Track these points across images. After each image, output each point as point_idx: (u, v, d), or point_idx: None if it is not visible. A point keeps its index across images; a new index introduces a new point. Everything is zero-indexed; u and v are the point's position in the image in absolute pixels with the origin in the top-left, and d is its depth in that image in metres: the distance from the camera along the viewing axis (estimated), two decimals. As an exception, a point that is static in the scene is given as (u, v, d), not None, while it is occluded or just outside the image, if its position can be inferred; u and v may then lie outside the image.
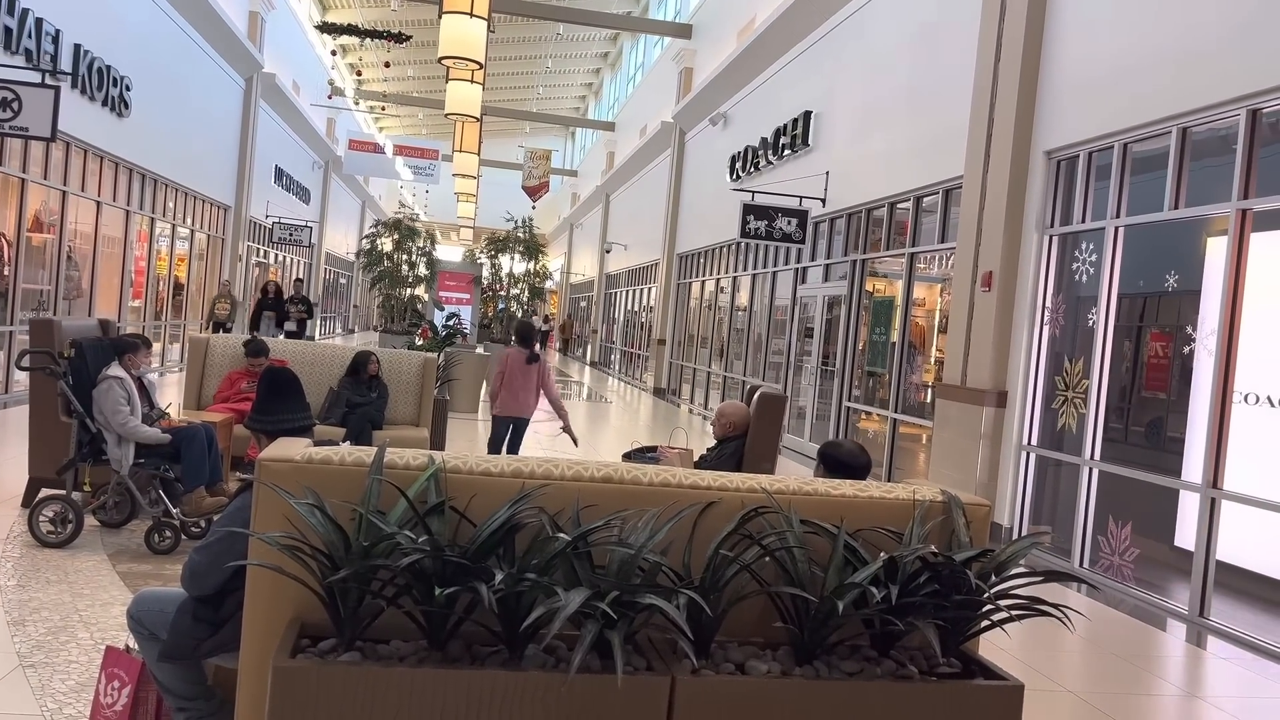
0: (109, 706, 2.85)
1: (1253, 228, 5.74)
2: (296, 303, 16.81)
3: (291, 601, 2.19)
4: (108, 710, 2.84)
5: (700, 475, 2.48)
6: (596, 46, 32.63)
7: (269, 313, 16.33)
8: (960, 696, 2.19)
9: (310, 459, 2.29)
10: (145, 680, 2.86)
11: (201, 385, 7.63)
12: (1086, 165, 7.25)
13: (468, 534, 2.18)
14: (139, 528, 5.59)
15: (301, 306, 16.79)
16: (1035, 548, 7.18)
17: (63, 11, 11.23)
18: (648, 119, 23.43)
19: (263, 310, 16.42)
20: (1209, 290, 6.09)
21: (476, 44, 10.26)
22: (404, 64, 29.94)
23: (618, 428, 13.82)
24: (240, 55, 18.74)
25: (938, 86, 9.33)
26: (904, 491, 2.54)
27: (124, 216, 14.26)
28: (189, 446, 5.53)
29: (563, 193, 41.27)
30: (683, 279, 19.63)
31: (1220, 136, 6.15)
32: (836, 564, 2.30)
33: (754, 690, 2.12)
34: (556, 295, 40.14)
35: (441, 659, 2.10)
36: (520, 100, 36.76)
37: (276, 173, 23.79)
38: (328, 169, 30.59)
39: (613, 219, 28.78)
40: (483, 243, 22.00)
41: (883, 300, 10.72)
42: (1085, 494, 6.87)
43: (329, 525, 2.08)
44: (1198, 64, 6.09)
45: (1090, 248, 7.13)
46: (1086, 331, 7.09)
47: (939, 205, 9.28)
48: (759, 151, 14.43)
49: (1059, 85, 7.45)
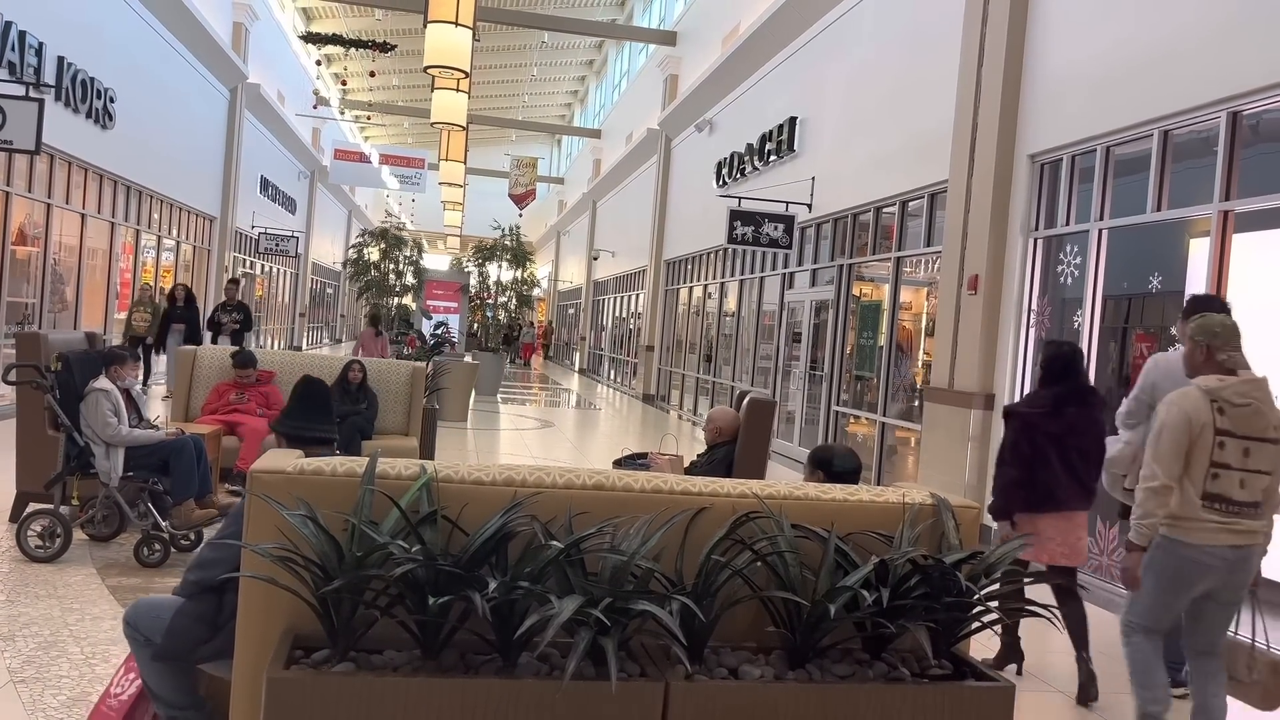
0: (115, 695, 2.89)
1: (1234, 229, 5.79)
2: (230, 310, 13.34)
3: (285, 613, 2.20)
4: (112, 699, 2.89)
5: (691, 481, 2.50)
6: (582, 54, 32.68)
7: (177, 325, 12.69)
8: (952, 698, 2.21)
9: (302, 470, 2.29)
10: (147, 701, 2.87)
11: (189, 397, 7.60)
12: (1070, 168, 7.31)
13: (460, 543, 2.19)
14: (128, 541, 5.55)
15: (236, 315, 13.29)
16: (1025, 549, 7.20)
17: (46, 24, 11.20)
18: (634, 126, 23.48)
19: (170, 322, 12.74)
20: (1192, 291, 6.14)
21: (462, 53, 10.28)
22: (389, 73, 29.94)
23: (608, 435, 13.83)
24: (224, 66, 18.70)
25: (921, 91, 9.39)
26: (894, 495, 2.56)
27: (109, 228, 14.20)
28: (178, 458, 5.51)
29: (549, 200, 41.30)
30: (671, 285, 19.66)
31: (1201, 139, 6.21)
32: (828, 568, 2.32)
33: (747, 695, 2.13)
34: (545, 303, 40.13)
35: (435, 668, 2.11)
36: (506, 108, 36.78)
37: (262, 183, 23.73)
38: (314, 179, 30.52)
39: (600, 226, 28.80)
40: (470, 251, 21.99)
41: (870, 304, 10.77)
42: (1073, 495, 6.91)
43: (322, 536, 2.09)
44: (1178, 67, 6.15)
45: (1075, 250, 7.18)
46: (1072, 333, 7.13)
47: (924, 209, 9.33)
48: (745, 157, 14.47)
49: (1041, 89, 7.51)
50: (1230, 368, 3.47)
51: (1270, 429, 3.41)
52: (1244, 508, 3.40)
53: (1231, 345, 3.50)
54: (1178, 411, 3.41)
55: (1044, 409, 4.40)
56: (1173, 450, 3.38)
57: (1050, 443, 4.33)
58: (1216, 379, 3.44)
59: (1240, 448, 3.38)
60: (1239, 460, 3.38)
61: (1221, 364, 3.47)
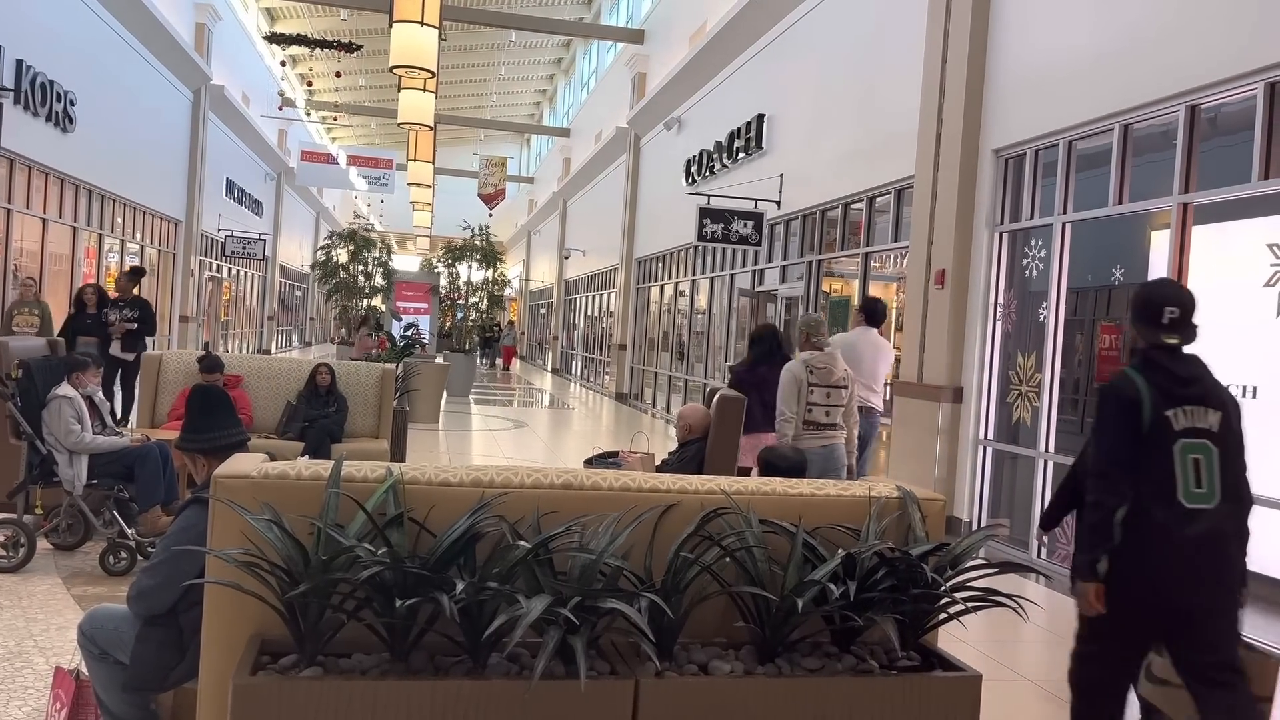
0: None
1: (1194, 221, 5.88)
2: (121, 307, 10.09)
3: (251, 619, 2.18)
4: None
5: (660, 478, 2.50)
6: (549, 53, 32.60)
7: (87, 338, 9.73)
8: (920, 689, 2.23)
9: (267, 474, 2.27)
10: (83, 702, 2.81)
11: (155, 403, 7.51)
12: (1034, 163, 7.38)
13: (428, 545, 2.18)
14: (94, 549, 5.48)
15: (129, 312, 10.08)
16: (991, 540, 7.29)
17: (4, 27, 11.02)
18: (602, 124, 23.45)
19: (76, 333, 9.73)
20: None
21: (428, 52, 10.22)
22: (355, 74, 29.72)
23: (580, 434, 13.81)
24: (187, 67, 18.48)
25: (887, 88, 9.45)
26: (860, 489, 2.58)
27: (71, 233, 14.00)
28: (143, 465, 5.44)
29: (519, 200, 41.15)
30: (642, 283, 19.66)
31: (1161, 132, 6.30)
32: (796, 562, 2.33)
33: (717, 690, 2.14)
34: (516, 303, 40.01)
35: (405, 670, 2.10)
36: (474, 108, 36.62)
37: (228, 185, 23.48)
38: (280, 180, 30.24)
39: (570, 225, 28.75)
40: (440, 251, 21.88)
41: (839, 300, 10.83)
42: (1041, 486, 6.99)
43: (287, 540, 2.07)
44: (1137, 61, 6.23)
45: (1039, 244, 7.26)
46: (1038, 326, 7.22)
47: (891, 205, 9.40)
48: (713, 155, 14.50)
49: (1005, 85, 7.58)
50: (819, 346, 5.91)
51: (838, 380, 5.79)
52: (825, 427, 5.75)
53: (819, 333, 6.00)
54: (790, 375, 5.76)
55: (745, 368, 6.58)
56: (791, 396, 5.71)
57: (751, 388, 6.16)
58: (810, 353, 5.85)
59: (824, 392, 5.74)
60: (822, 399, 5.74)
61: (815, 344, 5.91)
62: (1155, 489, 2.89)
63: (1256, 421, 5.45)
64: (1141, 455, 2.92)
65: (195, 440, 3.06)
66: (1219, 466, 2.94)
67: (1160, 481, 2.90)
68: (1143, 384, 3.01)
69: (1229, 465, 2.97)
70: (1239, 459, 3.02)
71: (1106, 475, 2.91)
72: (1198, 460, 2.93)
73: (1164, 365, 3.08)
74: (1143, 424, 2.93)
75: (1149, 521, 2.87)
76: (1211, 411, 3.00)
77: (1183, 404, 2.98)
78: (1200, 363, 3.15)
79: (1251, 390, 5.48)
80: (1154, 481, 2.90)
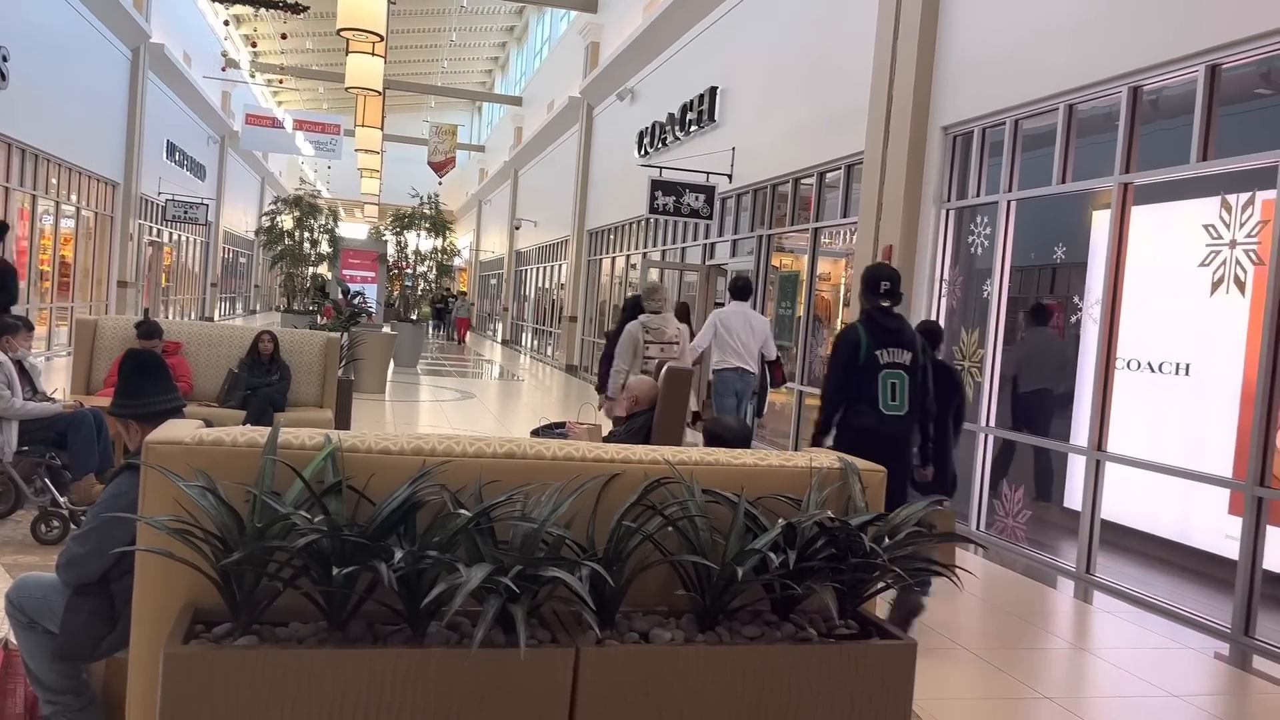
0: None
1: (1134, 201, 6.00)
2: None
3: (184, 587, 2.13)
4: None
5: (604, 448, 2.50)
6: (502, 20, 32.13)
7: None
8: (857, 656, 2.27)
9: (201, 440, 2.22)
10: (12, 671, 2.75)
11: (90, 369, 7.32)
12: (981, 141, 7.46)
13: (368, 513, 2.15)
14: (25, 518, 5.35)
15: None
16: (930, 510, 7.41)
17: (-73, -25, 10.56)
18: (555, 94, 23.21)
19: None
20: (1094, 261, 6.35)
21: (376, 15, 10.02)
22: (302, 35, 28.96)
23: (529, 405, 13.76)
24: (126, 25, 17.89)
25: (839, 64, 9.47)
26: (802, 459, 2.60)
27: (3, 193, 13.54)
28: (76, 432, 5.31)
29: (470, 169, 40.67)
30: (593, 255, 19.58)
31: (1104, 113, 6.40)
32: (737, 531, 2.35)
33: (657, 658, 2.15)
34: (466, 273, 39.63)
35: (342, 639, 2.07)
36: (424, 74, 35.99)
37: (169, 148, 22.86)
38: (224, 144, 29.52)
39: (522, 195, 28.49)
40: (388, 220, 21.56)
41: (789, 275, 10.88)
42: (981, 460, 7.12)
43: (222, 508, 2.03)
44: (1082, 43, 6.31)
45: (985, 221, 7.35)
46: (981, 303, 7.32)
47: (841, 181, 9.44)
48: (666, 127, 14.44)
49: (955, 63, 7.64)
50: (656, 310, 7.14)
51: (670, 337, 7.10)
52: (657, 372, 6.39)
53: (656, 298, 7.19)
54: (628, 334, 7.05)
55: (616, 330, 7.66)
56: (627, 351, 6.98)
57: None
58: (648, 315, 7.11)
59: (659, 348, 6.99)
60: (657, 353, 6.95)
61: (650, 308, 7.13)
62: (868, 400, 4.55)
63: (1189, 397, 5.62)
64: (860, 378, 4.56)
65: (127, 406, 2.98)
66: (908, 388, 4.59)
67: (872, 396, 4.55)
68: (863, 332, 4.63)
69: (915, 387, 4.61)
70: (925, 384, 4.66)
71: (837, 389, 4.64)
72: (894, 384, 4.57)
73: (878, 320, 4.66)
74: (860, 358, 4.57)
75: (862, 419, 4.55)
76: (905, 351, 4.61)
77: (888, 346, 4.59)
78: (902, 319, 4.74)
79: (1185, 368, 5.62)
80: (868, 396, 4.55)
